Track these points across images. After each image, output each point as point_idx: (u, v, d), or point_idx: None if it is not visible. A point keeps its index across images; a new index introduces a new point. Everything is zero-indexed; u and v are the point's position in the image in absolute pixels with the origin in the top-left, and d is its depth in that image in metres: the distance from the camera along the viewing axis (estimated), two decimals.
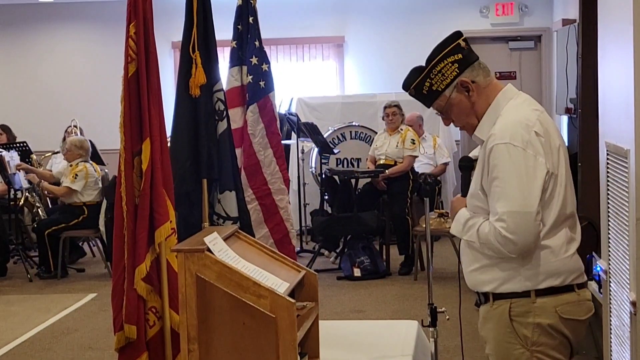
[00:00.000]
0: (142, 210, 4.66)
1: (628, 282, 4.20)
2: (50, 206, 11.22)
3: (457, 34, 3.56)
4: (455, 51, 3.49)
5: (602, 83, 4.92)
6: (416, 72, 3.59)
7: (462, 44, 3.51)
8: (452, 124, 3.64)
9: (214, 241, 3.67)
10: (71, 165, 10.33)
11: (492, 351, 3.52)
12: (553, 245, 3.37)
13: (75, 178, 10.16)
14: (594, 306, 3.59)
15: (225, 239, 3.81)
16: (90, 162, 10.45)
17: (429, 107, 3.64)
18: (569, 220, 3.44)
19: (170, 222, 4.74)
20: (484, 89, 3.50)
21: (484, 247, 3.40)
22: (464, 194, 3.66)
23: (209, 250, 3.59)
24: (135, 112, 4.68)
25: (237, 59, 6.74)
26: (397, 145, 10.18)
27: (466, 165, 3.85)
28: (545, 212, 3.34)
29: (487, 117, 3.49)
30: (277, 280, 3.71)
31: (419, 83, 3.56)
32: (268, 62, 6.77)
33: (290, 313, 3.50)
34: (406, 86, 3.62)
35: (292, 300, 3.52)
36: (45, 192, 10.64)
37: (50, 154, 12.36)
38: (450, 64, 3.48)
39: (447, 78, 3.49)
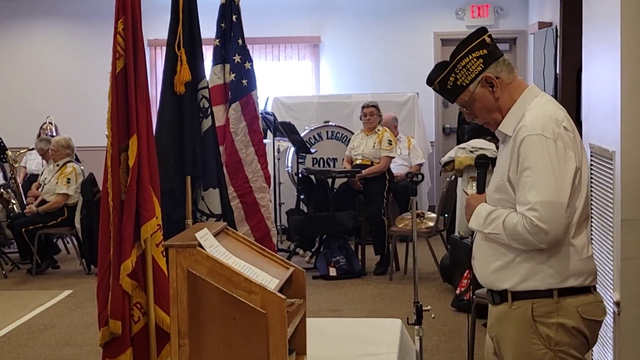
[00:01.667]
0: (128, 206, 4.66)
1: (612, 282, 4.25)
2: (25, 202, 11.15)
3: (483, 30, 3.56)
4: (481, 46, 3.49)
5: (586, 85, 4.97)
6: (440, 67, 3.58)
7: (487, 40, 3.52)
8: (478, 120, 3.63)
9: (205, 237, 3.68)
10: (58, 165, 10.29)
11: (509, 351, 3.49)
12: (577, 244, 3.39)
13: (68, 182, 10.13)
14: None
15: (215, 235, 3.83)
16: (74, 161, 10.43)
17: (452, 102, 3.63)
18: (587, 221, 3.47)
19: (156, 218, 4.74)
20: (507, 85, 3.51)
21: (510, 239, 3.37)
22: (480, 190, 3.66)
23: (200, 245, 3.60)
24: (123, 108, 4.67)
25: (220, 57, 6.77)
26: (373, 146, 10.21)
27: (483, 163, 3.85)
28: (574, 207, 3.35)
29: (513, 113, 3.49)
30: (266, 277, 3.73)
31: (443, 78, 3.56)
32: (251, 61, 6.81)
33: (280, 309, 3.51)
34: (430, 81, 3.61)
35: (283, 297, 3.53)
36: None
37: (25, 150, 12.30)
38: (475, 59, 3.48)
39: (471, 73, 3.49)
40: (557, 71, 9.42)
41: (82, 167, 10.50)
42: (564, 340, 3.38)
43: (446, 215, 9.68)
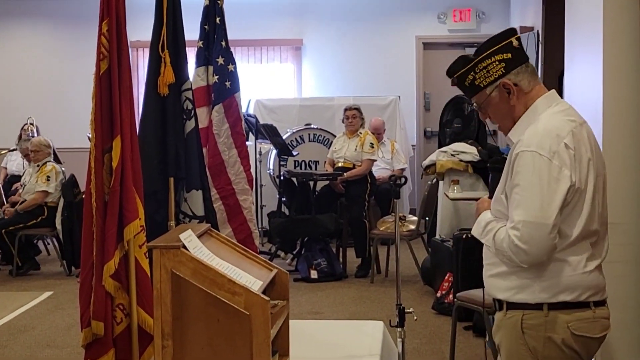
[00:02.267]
0: (112, 207, 4.65)
1: None
2: (5, 202, 11.10)
3: (512, 32, 3.47)
4: (505, 50, 3.41)
5: (568, 89, 5.00)
6: (462, 61, 3.49)
7: (515, 42, 3.42)
8: (490, 121, 3.57)
9: (189, 238, 3.69)
10: (38, 166, 10.26)
11: (503, 358, 3.50)
12: (572, 259, 3.31)
13: (48, 180, 10.12)
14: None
15: (199, 237, 3.83)
16: (54, 161, 10.41)
17: (469, 98, 3.58)
18: (593, 236, 3.38)
19: (140, 219, 4.73)
20: (525, 93, 3.42)
21: (498, 253, 3.37)
22: (492, 195, 3.61)
23: (184, 247, 3.60)
24: (107, 110, 4.66)
25: (203, 59, 6.77)
26: (355, 149, 10.24)
27: (498, 167, 3.82)
28: (568, 226, 3.29)
29: (522, 121, 3.43)
30: (250, 278, 3.74)
31: (462, 74, 3.48)
32: (234, 63, 6.81)
33: (264, 311, 3.52)
34: (450, 73, 3.52)
35: (267, 298, 3.55)
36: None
37: (5, 151, 12.27)
38: (497, 62, 3.40)
39: (491, 76, 3.42)
40: (539, 75, 9.48)
41: (62, 168, 10.47)
42: (552, 355, 3.35)
43: (427, 218, 9.71)
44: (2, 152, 12.24)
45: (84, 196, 4.94)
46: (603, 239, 3.47)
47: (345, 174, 10.17)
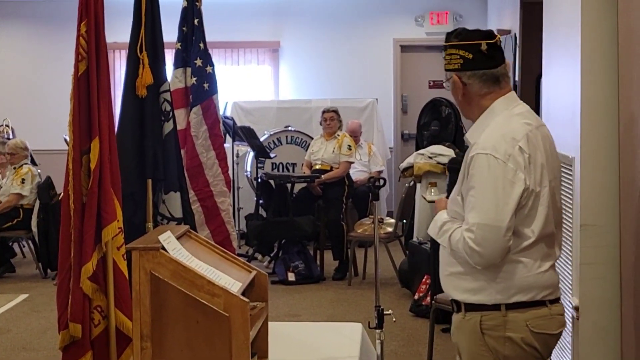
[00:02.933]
0: (90, 209, 4.63)
1: (571, 287, 4.30)
2: None
3: (488, 35, 3.47)
4: (471, 49, 3.43)
5: (546, 92, 5.02)
6: (447, 36, 3.53)
7: (484, 46, 3.42)
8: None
9: (168, 240, 3.69)
10: (15, 168, 10.21)
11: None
12: (527, 260, 3.36)
13: (23, 182, 10.06)
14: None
15: (178, 238, 3.83)
16: (30, 163, 10.35)
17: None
18: (548, 237, 3.42)
19: (118, 221, 4.72)
20: (475, 96, 3.47)
21: (453, 254, 3.42)
22: (449, 196, 3.65)
23: (163, 248, 3.60)
24: (85, 111, 4.65)
25: (181, 61, 6.77)
26: (333, 151, 10.25)
27: (456, 168, 3.85)
28: (525, 229, 3.33)
29: (478, 123, 3.48)
30: (229, 280, 3.74)
31: (446, 46, 3.52)
32: (212, 65, 6.80)
33: (243, 312, 3.52)
34: (447, 39, 3.53)
35: (246, 300, 3.55)
36: None
37: None
38: (458, 57, 3.45)
39: (450, 65, 3.48)
40: (516, 78, 9.52)
41: (38, 170, 10.41)
42: (512, 354, 3.39)
43: (405, 220, 9.73)
44: None
45: (61, 198, 4.92)
46: (558, 240, 3.52)
47: (322, 176, 10.17)
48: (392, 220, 9.72)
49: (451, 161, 3.94)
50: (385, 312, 4.60)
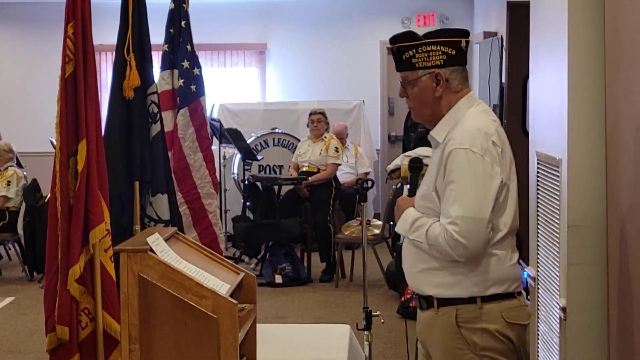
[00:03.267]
0: (77, 211, 4.63)
1: (558, 288, 4.30)
2: None
3: (465, 33, 3.56)
4: (453, 46, 3.49)
5: (533, 93, 5.03)
6: (409, 36, 3.54)
7: (463, 44, 3.52)
8: (406, 101, 3.63)
9: (156, 242, 3.68)
10: (0, 171, 10.16)
11: (437, 357, 3.56)
12: (500, 253, 3.45)
13: (9, 185, 10.02)
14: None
15: (166, 240, 3.82)
16: (16, 165, 10.32)
17: (397, 71, 3.60)
18: (514, 231, 3.53)
19: (105, 223, 4.72)
20: (451, 92, 3.52)
21: (431, 249, 3.43)
22: (412, 194, 3.69)
23: (151, 250, 3.59)
24: (72, 113, 4.64)
25: (168, 63, 6.76)
26: (320, 153, 10.26)
27: (416, 167, 3.89)
28: (499, 221, 3.41)
29: (445, 120, 3.53)
30: (217, 282, 3.73)
31: (405, 47, 3.52)
32: (199, 66, 6.81)
33: (232, 314, 3.52)
34: (393, 41, 3.56)
35: (234, 302, 3.55)
36: None
37: None
38: (440, 53, 3.48)
39: (429, 61, 3.49)
40: (503, 80, 9.52)
41: (24, 172, 10.38)
42: (489, 346, 3.44)
43: (392, 222, 9.73)
44: None
45: (47, 200, 4.91)
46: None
47: (309, 178, 10.18)
48: (379, 222, 9.73)
49: (412, 160, 3.95)
50: (373, 314, 4.60)
